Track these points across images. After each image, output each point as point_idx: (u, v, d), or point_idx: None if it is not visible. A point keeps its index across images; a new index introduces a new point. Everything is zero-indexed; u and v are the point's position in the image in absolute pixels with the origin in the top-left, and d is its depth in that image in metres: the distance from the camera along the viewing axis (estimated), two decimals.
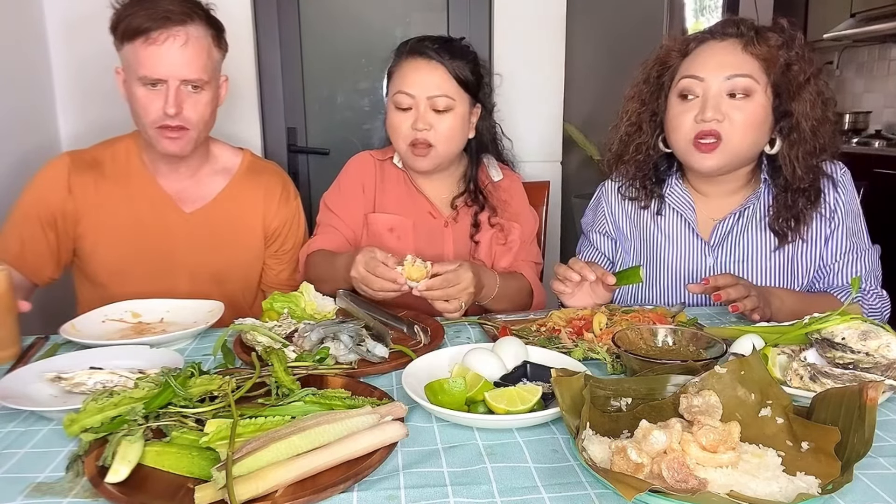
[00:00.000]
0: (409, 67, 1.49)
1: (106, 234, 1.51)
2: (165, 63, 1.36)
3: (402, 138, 1.50)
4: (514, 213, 1.63)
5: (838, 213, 1.39)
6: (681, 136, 1.36)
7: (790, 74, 1.31)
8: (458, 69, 1.49)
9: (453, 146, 1.53)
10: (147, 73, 1.37)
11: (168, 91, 1.38)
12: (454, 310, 1.30)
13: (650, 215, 1.50)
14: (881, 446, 0.82)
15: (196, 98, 1.42)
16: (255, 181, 1.62)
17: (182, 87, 1.40)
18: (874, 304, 1.40)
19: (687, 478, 0.67)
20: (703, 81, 1.32)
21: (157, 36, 1.35)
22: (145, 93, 1.39)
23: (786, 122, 1.33)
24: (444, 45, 1.50)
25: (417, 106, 1.47)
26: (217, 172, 1.60)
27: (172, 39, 1.36)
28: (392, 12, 2.63)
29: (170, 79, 1.37)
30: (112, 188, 1.52)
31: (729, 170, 1.38)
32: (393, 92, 1.50)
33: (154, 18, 1.35)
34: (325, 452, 0.74)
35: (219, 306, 1.30)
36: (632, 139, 1.47)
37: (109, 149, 1.56)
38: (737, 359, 0.86)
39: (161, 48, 1.36)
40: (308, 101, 2.63)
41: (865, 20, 3.91)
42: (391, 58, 1.56)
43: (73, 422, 0.80)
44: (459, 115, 1.51)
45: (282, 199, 1.64)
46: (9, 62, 2.01)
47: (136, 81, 1.39)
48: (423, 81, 1.47)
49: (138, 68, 1.37)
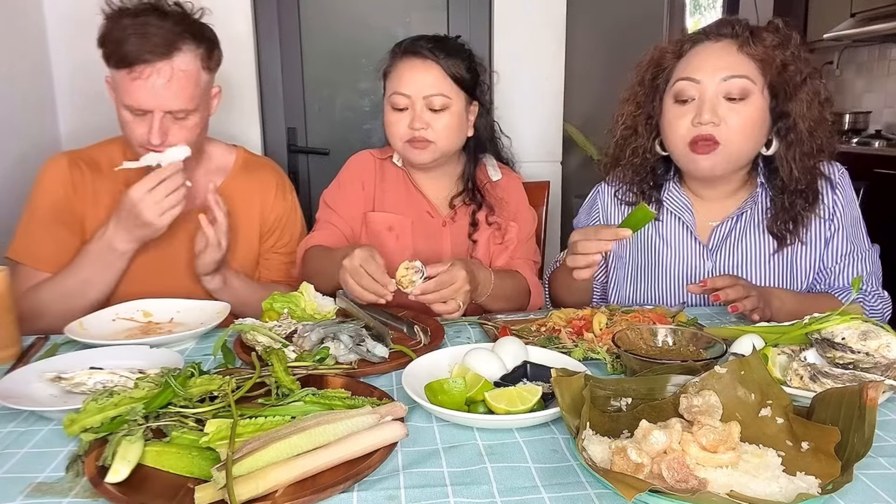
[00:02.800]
0: (403, 67, 1.49)
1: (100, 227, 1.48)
2: (149, 97, 1.34)
3: (399, 138, 1.50)
4: (512, 213, 1.63)
5: (837, 215, 1.38)
6: (677, 140, 1.34)
7: (786, 75, 1.30)
8: (453, 67, 1.49)
9: (452, 143, 1.53)
10: (132, 102, 1.35)
11: (153, 120, 1.36)
12: (453, 310, 1.29)
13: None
14: (881, 446, 0.82)
15: (182, 124, 1.40)
16: (251, 178, 1.62)
17: (167, 117, 1.37)
18: (875, 305, 1.40)
19: (687, 478, 0.67)
20: (698, 84, 1.30)
21: (141, 70, 1.32)
22: (131, 118, 1.37)
23: (783, 123, 1.32)
24: (439, 44, 1.50)
25: (413, 105, 1.47)
26: (212, 172, 1.59)
27: (157, 75, 1.33)
28: (392, 12, 2.63)
29: (154, 110, 1.35)
30: (110, 189, 1.51)
31: (727, 172, 1.37)
32: (389, 92, 1.50)
33: (140, 51, 1.31)
34: (325, 452, 0.74)
35: (225, 307, 1.31)
36: (628, 143, 1.46)
37: (104, 150, 1.55)
38: (737, 359, 0.86)
39: (146, 83, 1.33)
40: (308, 101, 2.63)
41: (865, 20, 3.91)
42: (386, 59, 1.56)
43: (73, 422, 0.80)
44: (456, 112, 1.51)
45: (277, 193, 1.64)
46: (9, 61, 2.01)
47: (121, 104, 1.37)
48: (419, 81, 1.47)
49: (124, 96, 1.35)
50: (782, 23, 1.33)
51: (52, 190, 1.48)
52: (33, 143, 2.11)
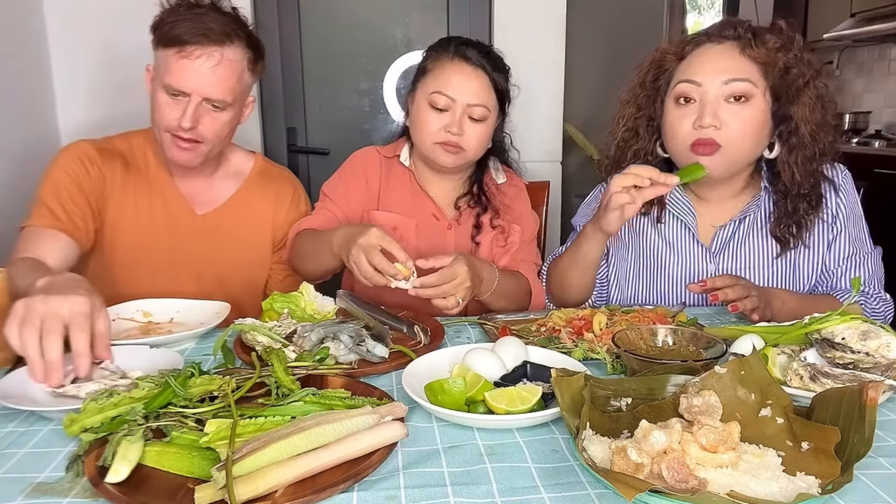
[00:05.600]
0: (453, 69, 1.48)
1: (125, 228, 1.50)
2: (193, 78, 1.35)
3: (431, 137, 1.49)
4: (515, 215, 1.63)
5: (840, 218, 1.37)
6: (678, 142, 1.33)
7: (789, 78, 1.29)
8: (499, 81, 1.50)
9: (479, 153, 1.55)
10: (172, 82, 1.35)
11: (189, 104, 1.37)
12: (452, 306, 1.28)
13: (650, 222, 1.49)
14: (881, 446, 0.82)
15: (215, 116, 1.41)
16: (267, 186, 1.62)
17: (203, 104, 1.38)
18: (877, 307, 1.40)
19: (687, 478, 0.67)
20: (700, 86, 1.29)
21: (191, 50, 1.34)
22: (167, 99, 1.38)
23: (784, 127, 1.31)
24: (488, 55, 1.50)
25: (454, 110, 1.47)
26: (230, 176, 1.60)
27: (206, 57, 1.35)
28: (392, 12, 2.63)
29: (193, 93, 1.36)
30: (136, 182, 1.51)
31: (728, 175, 1.36)
32: (430, 90, 1.48)
33: (194, 33, 1.33)
34: (325, 452, 0.74)
35: (225, 307, 1.31)
36: (629, 145, 1.45)
37: (126, 142, 1.55)
38: (737, 359, 0.86)
39: (193, 63, 1.34)
40: (308, 101, 2.64)
41: (865, 20, 3.91)
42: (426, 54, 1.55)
43: (73, 422, 0.80)
44: (490, 125, 1.52)
45: (292, 204, 1.64)
46: (8, 57, 2.01)
47: (160, 86, 1.38)
48: (466, 87, 1.46)
49: (165, 75, 1.36)
50: (786, 24, 1.32)
51: (71, 162, 1.45)
52: (32, 138, 2.11)
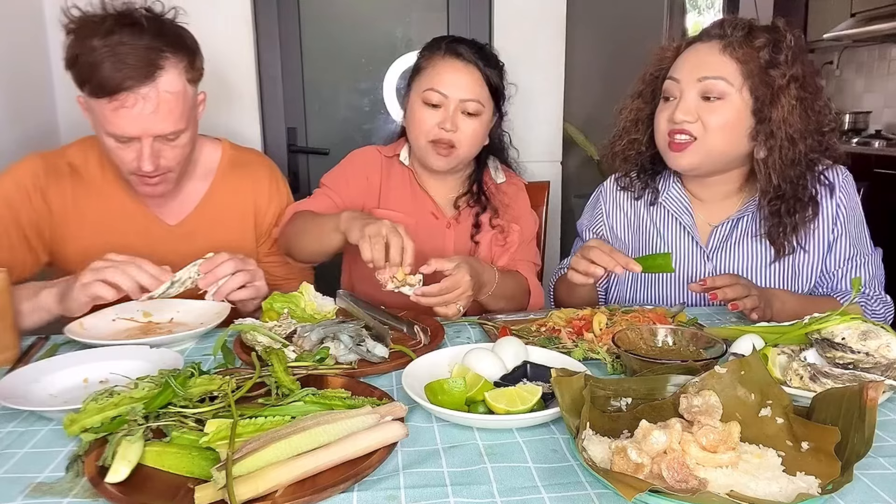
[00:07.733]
0: (445, 66, 1.49)
1: (94, 249, 1.32)
2: (136, 125, 1.23)
3: (425, 134, 1.49)
4: (515, 216, 1.63)
5: (840, 220, 1.37)
6: (659, 136, 1.38)
7: (768, 78, 1.28)
8: (492, 76, 1.50)
9: (472, 150, 1.54)
10: (116, 131, 1.24)
11: (142, 147, 1.25)
12: (454, 314, 1.30)
13: (649, 220, 1.50)
14: (881, 446, 0.82)
15: (173, 144, 1.30)
16: (240, 175, 1.54)
17: (157, 140, 1.27)
18: (877, 309, 1.40)
19: (687, 478, 0.67)
20: (678, 83, 1.33)
21: (124, 98, 1.20)
22: (117, 145, 1.26)
23: (762, 128, 1.30)
24: (480, 51, 1.51)
25: (447, 106, 1.47)
26: (197, 178, 1.51)
27: (143, 101, 1.21)
28: (392, 12, 2.63)
29: (142, 137, 1.25)
30: (91, 201, 1.42)
31: (709, 170, 1.37)
32: (423, 88, 1.49)
33: (119, 80, 1.19)
34: (325, 452, 0.74)
35: (225, 307, 1.30)
36: (627, 133, 1.48)
37: (82, 153, 1.44)
38: (737, 359, 0.86)
39: (131, 112, 1.22)
40: (308, 101, 2.63)
41: (865, 20, 3.91)
42: (420, 53, 1.55)
43: (73, 422, 0.80)
44: (485, 121, 1.52)
45: (271, 187, 1.57)
46: (7, 54, 2.01)
47: (104, 133, 1.26)
48: (459, 83, 1.47)
49: (106, 124, 1.24)
50: (783, 24, 1.32)
51: (16, 201, 1.37)
52: (32, 135, 2.10)
